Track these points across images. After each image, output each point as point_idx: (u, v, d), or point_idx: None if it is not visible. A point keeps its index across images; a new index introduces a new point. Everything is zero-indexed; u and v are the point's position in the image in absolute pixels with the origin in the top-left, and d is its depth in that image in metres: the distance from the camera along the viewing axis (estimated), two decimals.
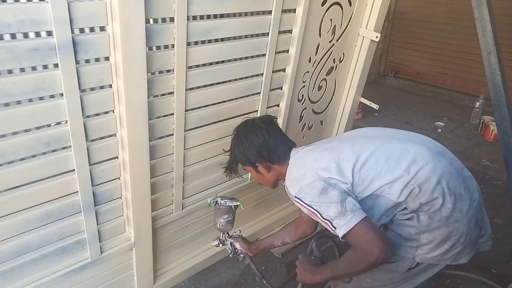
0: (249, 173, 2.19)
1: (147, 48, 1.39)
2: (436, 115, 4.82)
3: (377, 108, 2.51)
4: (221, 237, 1.78)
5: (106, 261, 1.72)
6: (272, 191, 2.47)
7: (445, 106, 5.13)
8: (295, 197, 1.27)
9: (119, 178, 1.61)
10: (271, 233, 1.75)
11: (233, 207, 1.71)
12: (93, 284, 1.74)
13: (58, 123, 1.33)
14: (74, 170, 1.43)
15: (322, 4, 1.98)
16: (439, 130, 4.41)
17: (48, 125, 1.32)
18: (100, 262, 1.70)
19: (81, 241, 1.60)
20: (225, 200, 1.70)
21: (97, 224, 1.62)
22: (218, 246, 1.81)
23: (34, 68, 1.21)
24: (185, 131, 1.75)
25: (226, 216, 1.71)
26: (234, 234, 1.80)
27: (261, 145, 1.42)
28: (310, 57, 2.12)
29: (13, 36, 1.14)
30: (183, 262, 2.17)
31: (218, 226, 1.73)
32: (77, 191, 1.48)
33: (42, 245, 1.50)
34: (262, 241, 1.82)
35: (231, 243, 1.77)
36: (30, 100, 1.25)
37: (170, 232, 2.00)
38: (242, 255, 1.78)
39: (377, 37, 2.26)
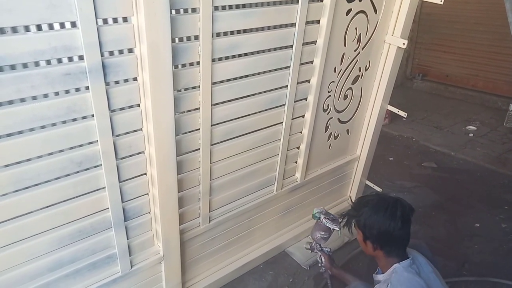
0: (275, 185, 2.20)
1: (173, 66, 1.41)
2: (467, 118, 4.66)
3: (405, 117, 2.45)
4: (313, 245, 1.92)
5: (136, 275, 1.75)
6: (297, 202, 2.46)
7: (476, 109, 4.96)
8: None
9: (147, 193, 1.64)
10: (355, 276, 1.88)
11: (331, 229, 1.83)
12: None
13: (90, 143, 1.36)
14: (104, 187, 1.46)
15: (347, 14, 1.95)
16: (471, 134, 4.26)
17: (80, 146, 1.35)
18: (131, 276, 1.73)
19: (112, 255, 1.64)
20: (327, 220, 1.82)
21: (127, 239, 1.65)
22: (308, 250, 1.95)
23: (66, 92, 1.25)
24: (211, 145, 1.77)
25: (323, 233, 1.85)
26: (325, 249, 1.91)
27: (384, 234, 1.44)
28: (335, 67, 2.10)
29: (47, 62, 1.19)
30: (211, 274, 2.18)
31: (313, 238, 1.89)
32: (108, 208, 1.52)
33: (75, 261, 1.54)
34: (344, 272, 1.90)
35: (320, 256, 1.89)
36: (64, 122, 1.29)
37: (198, 244, 2.02)
38: (323, 269, 1.90)
39: (404, 44, 2.21)
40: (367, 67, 2.30)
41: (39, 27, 1.14)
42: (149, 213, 1.69)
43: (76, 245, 1.51)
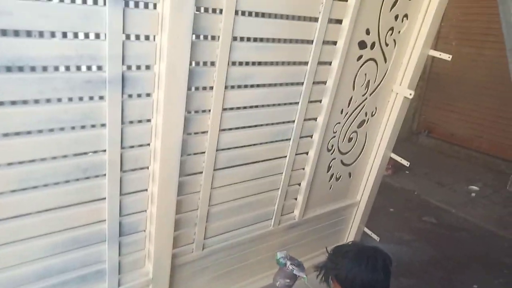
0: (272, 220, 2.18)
1: (187, 88, 1.47)
2: (470, 178, 4.67)
3: (407, 165, 2.47)
4: None
5: None
6: (293, 241, 2.43)
7: (479, 170, 4.97)
8: None
9: (145, 210, 1.64)
10: None
11: (297, 275, 1.74)
12: None
13: (97, 152, 1.39)
14: (105, 198, 1.47)
15: (358, 59, 2.04)
16: (473, 194, 4.25)
17: (86, 153, 1.38)
18: None
19: (102, 271, 1.61)
20: (294, 267, 1.72)
21: (119, 256, 1.63)
22: None
23: (83, 99, 1.30)
24: (214, 170, 1.79)
25: (289, 281, 1.75)
26: None
27: (366, 286, 1.41)
28: (342, 109, 2.16)
29: (68, 68, 1.25)
30: None
31: (277, 285, 1.77)
32: (105, 220, 1.51)
33: (64, 271, 1.51)
34: None
35: None
36: (73, 128, 1.33)
37: (189, 272, 1.97)
38: None
39: (410, 94, 2.28)
40: (373, 113, 2.36)
41: (64, 35, 1.22)
42: (145, 231, 1.68)
43: (68, 254, 1.50)
